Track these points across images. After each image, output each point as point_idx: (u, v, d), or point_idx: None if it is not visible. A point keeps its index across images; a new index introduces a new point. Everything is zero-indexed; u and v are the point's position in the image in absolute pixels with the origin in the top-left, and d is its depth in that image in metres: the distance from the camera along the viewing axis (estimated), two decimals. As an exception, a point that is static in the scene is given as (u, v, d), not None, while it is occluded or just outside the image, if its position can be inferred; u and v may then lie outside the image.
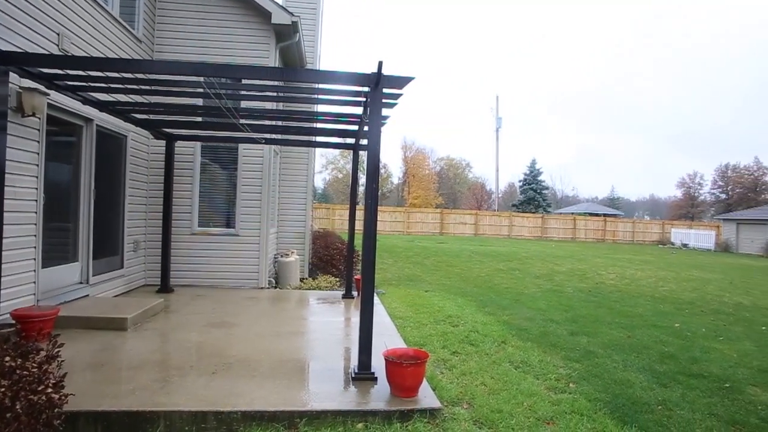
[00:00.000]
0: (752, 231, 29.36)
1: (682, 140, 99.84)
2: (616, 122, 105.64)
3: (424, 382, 4.02)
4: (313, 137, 8.84)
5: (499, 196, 60.41)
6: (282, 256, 9.38)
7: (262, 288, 8.46)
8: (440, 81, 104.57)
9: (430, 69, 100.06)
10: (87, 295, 6.25)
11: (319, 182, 65.56)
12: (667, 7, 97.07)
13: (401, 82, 4.27)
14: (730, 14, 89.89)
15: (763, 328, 7.66)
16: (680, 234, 33.50)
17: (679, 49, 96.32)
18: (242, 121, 6.36)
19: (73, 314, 5.32)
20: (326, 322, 6.66)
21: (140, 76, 5.92)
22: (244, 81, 6.05)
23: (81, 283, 6.33)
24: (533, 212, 43.04)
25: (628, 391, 4.48)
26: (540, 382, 4.59)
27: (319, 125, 8.15)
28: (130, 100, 6.47)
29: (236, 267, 8.46)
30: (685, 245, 31.85)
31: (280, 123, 8.74)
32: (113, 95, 6.11)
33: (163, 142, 7.64)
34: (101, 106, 5.82)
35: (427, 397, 3.85)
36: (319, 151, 51.38)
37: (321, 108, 7.30)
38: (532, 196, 48.06)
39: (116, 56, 6.70)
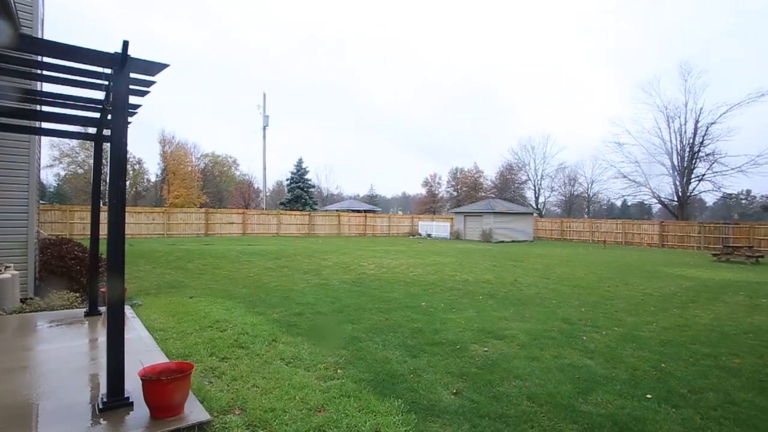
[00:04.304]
0: (474, 222, 36.71)
1: (425, 146, 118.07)
2: (373, 126, 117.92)
3: (191, 396, 3.72)
4: (37, 123, 7.15)
5: (267, 194, 60.52)
6: (-8, 273, 7.31)
7: (-41, 316, 6.43)
8: (206, 74, 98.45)
9: (193, 62, 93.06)
10: None
11: (50, 178, 54.00)
12: (410, 41, 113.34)
13: (153, 68, 3.82)
14: (451, 56, 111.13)
15: (480, 297, 9.65)
16: (425, 226, 39.49)
17: (418, 67, 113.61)
18: None
19: None
20: (63, 348, 5.46)
21: None
22: None
23: None
24: (301, 210, 44.56)
25: (387, 367, 5.04)
26: (310, 373, 4.76)
27: (46, 108, 6.62)
28: None
29: None
30: (429, 235, 37.75)
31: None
32: None
33: None
34: None
35: (194, 411, 3.56)
36: (49, 140, 42.07)
37: (47, 87, 5.95)
38: (300, 194, 49.73)
39: None
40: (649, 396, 4.41)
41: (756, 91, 38.13)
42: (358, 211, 43.41)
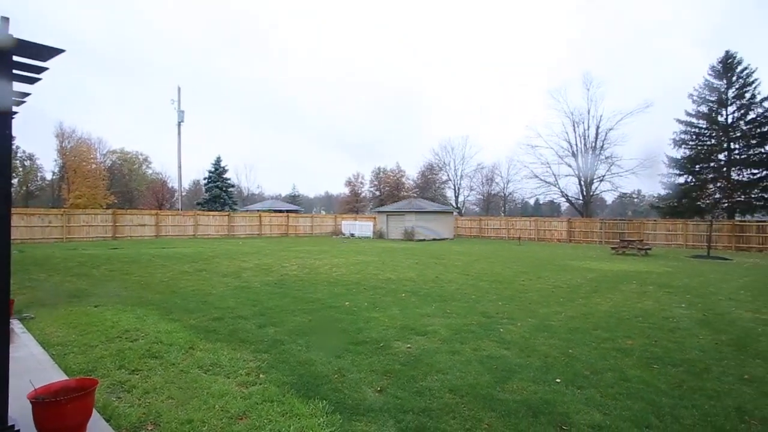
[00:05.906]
0: (396, 221, 37.29)
1: (348, 145, 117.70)
2: (295, 125, 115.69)
3: (95, 414, 3.41)
4: None
5: (184, 194, 57.39)
6: None
7: None
8: (113, 64, 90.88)
9: (99, 49, 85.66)
10: None
11: None
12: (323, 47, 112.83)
13: (44, 52, 3.41)
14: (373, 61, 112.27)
15: (403, 295, 9.82)
16: (348, 225, 39.46)
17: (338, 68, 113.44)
18: None
19: None
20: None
21: None
22: None
23: None
24: (220, 210, 42.71)
25: (311, 368, 4.96)
26: (231, 380, 4.56)
27: None
28: None
29: None
30: (352, 235, 37.76)
31: None
32: None
33: None
34: None
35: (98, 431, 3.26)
36: None
37: None
38: (218, 194, 47.70)
39: None
40: (558, 380, 4.75)
41: (643, 103, 42.81)
42: (280, 211, 42.42)
